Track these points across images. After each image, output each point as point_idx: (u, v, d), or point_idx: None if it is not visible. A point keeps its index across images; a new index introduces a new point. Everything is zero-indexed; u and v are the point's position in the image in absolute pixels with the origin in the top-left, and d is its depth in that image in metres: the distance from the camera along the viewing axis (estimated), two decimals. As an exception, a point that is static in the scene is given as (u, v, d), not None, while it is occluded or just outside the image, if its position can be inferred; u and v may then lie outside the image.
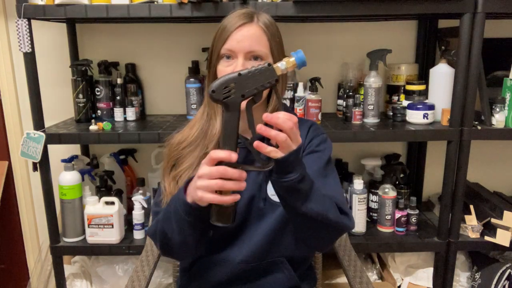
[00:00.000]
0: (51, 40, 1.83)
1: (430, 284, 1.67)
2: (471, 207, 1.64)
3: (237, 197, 0.78)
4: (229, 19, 0.97)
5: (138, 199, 1.61)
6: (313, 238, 0.95)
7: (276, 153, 0.77)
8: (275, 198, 0.99)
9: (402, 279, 1.73)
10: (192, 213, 0.84)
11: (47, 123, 1.56)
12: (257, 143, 0.76)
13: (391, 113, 1.68)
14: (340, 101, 1.78)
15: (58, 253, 1.62)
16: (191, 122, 1.08)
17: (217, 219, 0.79)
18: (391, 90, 1.77)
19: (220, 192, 0.78)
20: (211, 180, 0.76)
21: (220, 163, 0.77)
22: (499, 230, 1.56)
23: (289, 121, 0.76)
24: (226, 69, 0.96)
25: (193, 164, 1.00)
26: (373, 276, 1.77)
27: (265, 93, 0.98)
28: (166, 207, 0.94)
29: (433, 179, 1.93)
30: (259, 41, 0.96)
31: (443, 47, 1.65)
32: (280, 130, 0.76)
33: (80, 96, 1.67)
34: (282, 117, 0.76)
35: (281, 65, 0.79)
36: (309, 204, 0.84)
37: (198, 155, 1.01)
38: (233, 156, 0.75)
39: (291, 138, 0.77)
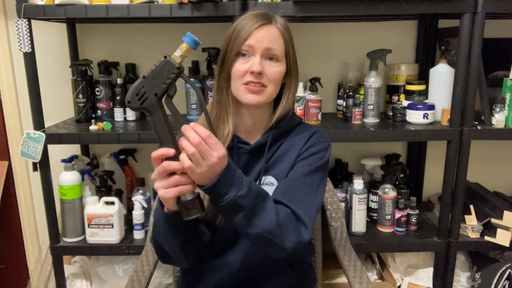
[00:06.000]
0: (51, 40, 1.83)
1: (430, 284, 1.67)
2: (471, 207, 1.64)
3: (192, 186, 0.80)
4: (248, 19, 0.97)
5: (138, 199, 1.61)
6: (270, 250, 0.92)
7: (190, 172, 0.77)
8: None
9: (402, 279, 1.73)
10: (169, 220, 0.86)
11: (47, 123, 1.56)
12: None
13: (391, 113, 1.68)
14: (340, 101, 1.78)
15: (58, 253, 1.62)
16: (198, 122, 1.07)
17: (186, 213, 0.81)
18: (391, 90, 1.77)
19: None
20: (163, 179, 0.79)
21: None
22: (499, 230, 1.56)
23: (196, 138, 0.75)
24: (243, 66, 0.95)
25: None
26: (373, 276, 1.77)
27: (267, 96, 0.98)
28: (154, 216, 0.96)
29: (433, 179, 1.93)
30: (277, 41, 0.97)
31: (443, 47, 1.65)
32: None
33: (80, 96, 1.67)
34: (192, 130, 0.76)
35: (177, 53, 0.81)
36: (255, 221, 0.83)
37: None
38: (170, 151, 0.78)
39: (201, 155, 0.76)
